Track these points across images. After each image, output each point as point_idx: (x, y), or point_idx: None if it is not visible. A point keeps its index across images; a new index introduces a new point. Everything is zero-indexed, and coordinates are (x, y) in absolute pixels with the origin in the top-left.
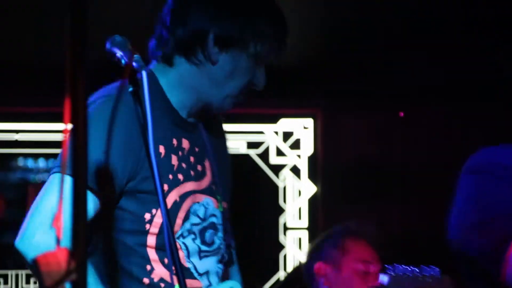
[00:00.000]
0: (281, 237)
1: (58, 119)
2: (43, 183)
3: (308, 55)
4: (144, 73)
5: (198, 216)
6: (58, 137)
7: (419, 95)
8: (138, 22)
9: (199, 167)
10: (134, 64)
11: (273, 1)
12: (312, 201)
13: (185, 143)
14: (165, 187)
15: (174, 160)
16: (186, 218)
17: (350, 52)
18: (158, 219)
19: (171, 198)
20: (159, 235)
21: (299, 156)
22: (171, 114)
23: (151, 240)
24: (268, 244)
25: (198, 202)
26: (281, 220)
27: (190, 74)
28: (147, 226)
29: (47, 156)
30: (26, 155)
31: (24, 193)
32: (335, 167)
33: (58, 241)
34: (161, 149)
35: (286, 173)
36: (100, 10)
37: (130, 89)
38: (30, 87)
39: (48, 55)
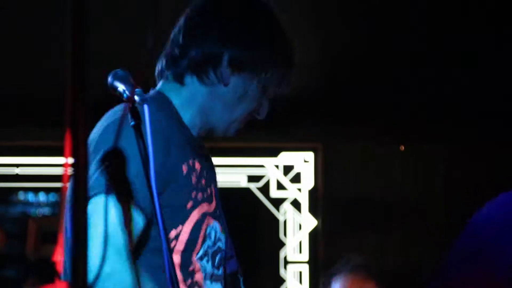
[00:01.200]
0: (282, 271)
1: (59, 153)
2: (43, 217)
3: (309, 88)
4: (146, 107)
5: (211, 239)
6: (58, 171)
7: (420, 128)
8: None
9: (208, 190)
10: (136, 98)
11: (283, 30)
12: (313, 235)
13: (197, 165)
14: (190, 204)
15: (194, 179)
16: (204, 239)
17: (351, 86)
18: (184, 236)
19: (194, 216)
20: (184, 252)
21: (299, 189)
22: (186, 134)
23: (176, 258)
24: (268, 278)
25: (211, 225)
26: (282, 254)
27: (201, 94)
28: (173, 243)
29: (47, 190)
30: (26, 189)
31: (24, 227)
32: (335, 201)
33: (58, 274)
34: (184, 167)
35: (286, 206)
36: (100, 44)
37: (132, 123)
38: (30, 121)
39: (48, 88)
